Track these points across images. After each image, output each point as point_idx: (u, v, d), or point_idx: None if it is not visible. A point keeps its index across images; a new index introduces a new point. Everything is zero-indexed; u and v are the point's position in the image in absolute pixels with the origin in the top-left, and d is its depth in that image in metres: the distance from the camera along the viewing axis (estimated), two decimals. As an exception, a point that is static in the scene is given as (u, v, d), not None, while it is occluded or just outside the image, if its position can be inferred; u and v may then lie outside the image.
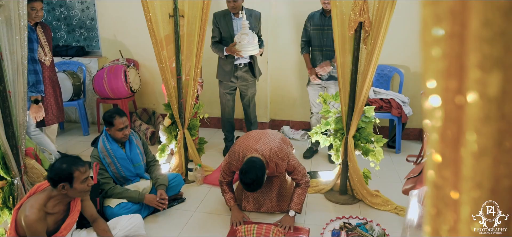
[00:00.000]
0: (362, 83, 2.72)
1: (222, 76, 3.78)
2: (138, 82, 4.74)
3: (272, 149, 2.55)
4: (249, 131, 2.87)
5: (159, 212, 2.81)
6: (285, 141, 2.81)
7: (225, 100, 3.89)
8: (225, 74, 3.74)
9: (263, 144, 2.57)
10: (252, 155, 2.52)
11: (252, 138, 2.64)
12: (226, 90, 3.83)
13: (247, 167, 2.39)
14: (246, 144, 2.60)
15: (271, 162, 2.55)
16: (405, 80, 4.28)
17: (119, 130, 2.69)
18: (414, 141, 4.49)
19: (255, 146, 2.55)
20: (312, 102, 3.91)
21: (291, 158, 2.62)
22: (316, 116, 3.91)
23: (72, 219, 2.05)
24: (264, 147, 2.55)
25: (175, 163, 3.34)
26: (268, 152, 2.53)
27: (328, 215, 2.77)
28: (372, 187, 3.00)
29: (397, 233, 2.43)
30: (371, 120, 2.92)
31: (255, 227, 1.90)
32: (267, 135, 2.68)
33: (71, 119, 5.33)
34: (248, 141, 2.62)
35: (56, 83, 3.64)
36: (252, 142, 2.59)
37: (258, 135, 2.69)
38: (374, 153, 2.87)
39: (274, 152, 2.54)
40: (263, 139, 2.61)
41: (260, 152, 2.53)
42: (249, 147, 2.57)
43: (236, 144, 2.69)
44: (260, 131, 2.76)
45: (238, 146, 2.64)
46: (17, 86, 2.16)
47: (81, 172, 1.97)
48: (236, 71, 3.72)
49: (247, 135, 2.74)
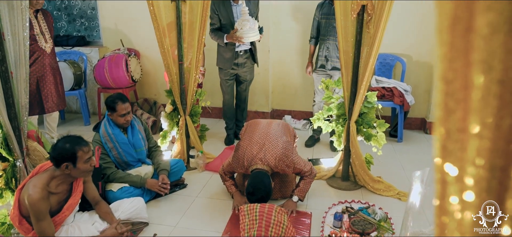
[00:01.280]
0: (364, 67, 2.71)
1: (222, 63, 3.78)
2: (139, 71, 4.73)
3: (277, 156, 2.48)
4: (252, 127, 2.76)
5: (161, 197, 2.81)
6: (289, 133, 2.78)
7: (226, 87, 3.88)
8: (225, 61, 3.73)
9: (268, 151, 2.49)
10: (257, 166, 2.48)
11: (256, 144, 2.55)
12: (226, 77, 3.83)
13: (254, 186, 2.30)
14: (250, 152, 2.52)
15: (277, 169, 2.53)
16: (407, 69, 4.27)
17: (121, 115, 2.68)
18: (416, 131, 4.48)
19: (260, 155, 2.49)
20: (316, 89, 3.90)
21: (297, 162, 2.54)
22: (318, 105, 3.90)
23: (75, 199, 2.05)
24: (269, 155, 2.48)
25: (177, 149, 3.33)
26: (273, 161, 2.48)
27: (330, 200, 2.77)
28: (374, 175, 3.00)
29: (400, 217, 2.43)
30: (374, 105, 2.91)
31: (257, 206, 1.90)
32: (271, 137, 2.58)
33: (72, 110, 5.32)
34: (252, 148, 2.53)
35: (56, 70, 3.62)
36: (256, 150, 2.51)
37: (262, 138, 2.58)
38: (376, 138, 2.87)
39: (279, 160, 2.48)
40: (267, 145, 2.52)
41: (265, 162, 2.48)
42: (254, 156, 2.50)
43: (240, 149, 2.60)
44: (264, 131, 2.65)
45: (242, 152, 2.56)
46: (19, 67, 2.16)
47: (84, 152, 1.97)
48: (236, 58, 3.72)
49: (250, 137, 2.62)
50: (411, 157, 3.66)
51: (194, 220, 2.53)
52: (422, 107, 4.43)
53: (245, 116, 4.14)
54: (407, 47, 4.30)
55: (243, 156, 2.54)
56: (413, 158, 3.65)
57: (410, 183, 2.28)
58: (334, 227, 2.40)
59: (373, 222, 2.40)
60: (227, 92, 3.92)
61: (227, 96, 3.93)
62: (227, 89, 3.90)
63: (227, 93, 3.92)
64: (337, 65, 3.65)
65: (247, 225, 1.84)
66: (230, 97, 3.95)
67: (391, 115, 4.39)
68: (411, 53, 4.31)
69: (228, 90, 3.91)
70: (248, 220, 1.86)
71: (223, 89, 3.94)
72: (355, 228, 2.34)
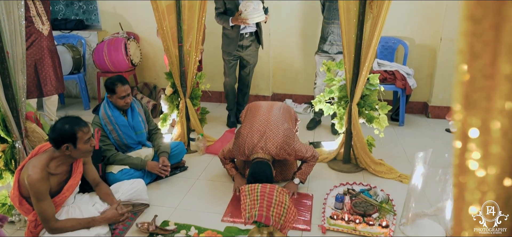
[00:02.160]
0: (367, 48, 2.67)
1: (226, 46, 3.75)
2: (139, 55, 4.68)
3: (278, 145, 2.44)
4: (253, 112, 2.70)
5: (161, 179, 2.80)
6: (290, 117, 2.74)
7: (228, 68, 3.85)
8: (230, 44, 3.70)
9: (268, 140, 2.45)
10: (258, 155, 2.45)
11: (257, 132, 2.49)
12: (229, 58, 3.80)
13: (255, 177, 2.27)
14: (251, 141, 2.48)
15: (278, 157, 2.50)
16: (409, 52, 4.22)
17: (120, 97, 2.65)
18: (418, 115, 4.45)
19: (261, 144, 2.45)
20: (317, 72, 3.87)
21: (298, 150, 2.50)
22: (319, 87, 3.88)
23: (75, 180, 2.04)
24: (270, 144, 2.44)
25: (177, 132, 3.31)
26: (274, 150, 2.45)
27: (332, 183, 2.76)
28: (375, 158, 2.98)
29: (401, 199, 2.42)
30: (376, 87, 2.87)
31: (259, 186, 1.88)
32: (271, 125, 2.52)
33: (71, 94, 5.29)
34: (253, 136, 2.49)
35: (54, 53, 3.57)
36: (257, 138, 2.47)
37: (263, 125, 2.52)
38: (378, 120, 2.84)
39: (280, 149, 2.45)
40: (267, 133, 2.47)
41: (266, 151, 2.45)
42: (254, 145, 2.46)
43: (240, 137, 2.55)
44: (264, 117, 2.58)
45: (242, 140, 2.52)
46: (15, 47, 2.12)
47: (84, 132, 1.94)
48: (241, 40, 3.69)
49: (251, 124, 2.56)
50: (412, 141, 3.64)
51: (195, 202, 2.52)
52: (424, 91, 4.39)
53: (246, 100, 4.11)
54: (410, 30, 4.24)
55: (243, 144, 2.51)
56: (415, 141, 3.63)
57: (412, 165, 2.27)
58: (335, 209, 2.39)
59: (375, 203, 2.39)
60: (229, 74, 3.87)
61: (229, 78, 3.89)
62: (230, 71, 3.85)
63: (229, 75, 3.88)
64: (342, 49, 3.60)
65: (248, 205, 1.83)
66: (232, 79, 3.91)
67: (393, 99, 4.36)
68: (414, 36, 4.25)
69: (230, 72, 3.86)
70: (249, 200, 1.84)
71: (225, 70, 3.90)
72: (357, 210, 2.33)
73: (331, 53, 3.68)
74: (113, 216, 2.05)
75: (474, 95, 0.35)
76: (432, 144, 3.55)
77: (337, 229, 2.17)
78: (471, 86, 0.35)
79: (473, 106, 0.35)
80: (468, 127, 0.37)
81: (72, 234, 1.91)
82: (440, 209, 2.10)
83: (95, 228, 1.98)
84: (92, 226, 1.98)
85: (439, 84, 4.18)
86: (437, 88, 4.20)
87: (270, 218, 1.76)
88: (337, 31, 3.56)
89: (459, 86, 0.37)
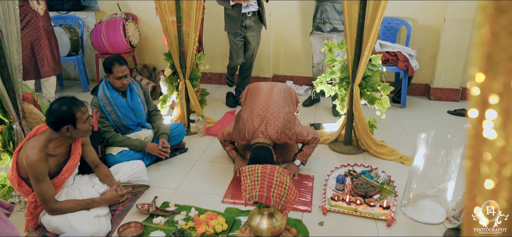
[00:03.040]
0: (369, 28, 2.61)
1: (229, 26, 3.70)
2: (138, 36, 4.61)
3: (279, 129, 2.41)
4: (253, 94, 2.64)
5: (161, 161, 2.79)
6: (291, 100, 2.69)
7: (237, 49, 3.80)
8: (233, 24, 3.65)
9: (269, 124, 2.42)
10: (259, 140, 2.43)
11: (257, 116, 2.46)
12: (237, 38, 3.75)
13: (256, 161, 2.24)
14: (251, 125, 2.44)
15: (279, 141, 2.48)
16: (412, 33, 4.15)
17: (117, 78, 2.60)
18: (420, 97, 4.41)
19: (261, 128, 2.42)
20: (314, 51, 3.91)
21: (299, 133, 2.47)
22: (317, 67, 3.96)
23: (73, 161, 2.02)
24: (270, 129, 2.41)
25: (177, 114, 3.28)
26: (275, 135, 2.42)
27: (332, 164, 2.74)
28: (377, 140, 2.96)
29: (402, 180, 2.41)
30: (378, 68, 2.83)
31: (259, 166, 1.86)
32: (272, 108, 2.47)
33: (70, 76, 5.24)
34: (253, 120, 2.45)
35: (51, 33, 3.51)
36: (257, 123, 2.44)
37: (263, 109, 2.47)
38: (380, 102, 2.80)
39: (281, 133, 2.42)
40: (268, 117, 2.44)
41: (266, 136, 2.42)
42: (255, 130, 2.43)
43: (240, 121, 2.51)
44: (265, 100, 2.52)
45: (243, 124, 2.49)
46: (9, 25, 2.07)
47: (82, 112, 1.92)
48: (244, 20, 3.64)
49: (251, 108, 2.51)
50: (414, 123, 3.62)
51: (195, 184, 2.51)
52: (426, 72, 4.34)
53: (247, 82, 4.06)
54: (413, 11, 4.16)
55: (244, 129, 2.48)
56: (416, 123, 3.60)
57: (414, 147, 2.25)
58: (336, 190, 2.38)
59: (376, 185, 2.38)
60: (238, 56, 3.82)
61: (238, 60, 3.84)
62: (239, 52, 3.80)
63: (238, 57, 3.83)
64: (337, 26, 3.65)
65: (249, 186, 1.81)
66: (241, 60, 3.86)
67: (395, 80, 4.31)
68: (417, 16, 4.17)
69: (239, 53, 3.81)
70: (250, 181, 1.82)
71: (233, 53, 3.84)
72: (358, 191, 2.32)
73: (324, 31, 3.72)
74: (113, 197, 2.04)
75: (497, 56, 0.32)
76: (434, 126, 3.52)
77: (338, 210, 2.17)
78: (493, 46, 0.31)
79: (494, 68, 0.32)
80: (488, 92, 0.33)
81: (72, 215, 1.90)
82: (441, 190, 2.09)
83: (95, 209, 1.97)
84: (92, 207, 1.97)
85: (442, 66, 4.12)
86: (440, 70, 4.15)
87: (271, 199, 1.74)
88: (330, 9, 3.60)
89: (479, 46, 0.33)
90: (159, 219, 2.08)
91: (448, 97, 4.23)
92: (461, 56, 4.03)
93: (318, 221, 2.09)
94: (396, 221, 2.09)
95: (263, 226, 1.80)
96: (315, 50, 3.87)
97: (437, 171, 2.07)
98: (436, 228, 2.04)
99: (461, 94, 4.21)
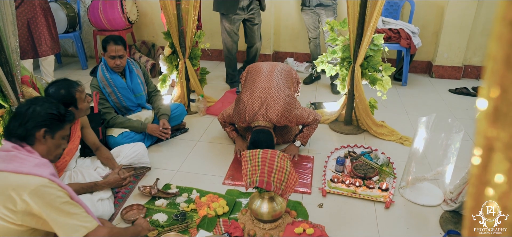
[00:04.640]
0: (372, 7, 2.55)
1: (225, 8, 3.53)
2: (136, 12, 4.52)
3: (279, 112, 2.40)
4: (253, 76, 2.60)
5: (162, 141, 2.80)
6: (292, 81, 2.65)
7: (232, 35, 3.68)
8: (230, 6, 3.49)
9: (269, 107, 2.40)
10: (259, 123, 2.42)
11: (257, 99, 2.43)
12: (232, 24, 3.61)
13: (257, 145, 2.25)
14: (251, 108, 2.43)
15: (279, 124, 2.47)
16: (416, 10, 4.06)
17: (110, 57, 2.55)
18: (422, 75, 4.38)
19: (261, 111, 2.41)
20: (307, 27, 3.95)
21: (299, 116, 2.45)
22: (314, 42, 3.99)
23: (74, 144, 2.03)
24: (270, 111, 2.40)
25: (177, 94, 3.27)
26: (275, 118, 2.41)
27: (332, 145, 2.76)
28: (377, 120, 2.96)
29: (402, 162, 2.43)
30: (380, 48, 2.79)
31: (260, 151, 1.87)
32: (272, 91, 2.43)
33: (68, 53, 5.18)
34: (253, 103, 2.43)
35: (48, 11, 3.44)
36: (258, 105, 2.42)
37: (264, 91, 2.44)
38: (381, 82, 2.78)
39: (281, 116, 2.41)
40: (268, 100, 2.41)
41: (267, 119, 2.41)
42: (255, 112, 2.42)
43: (240, 104, 2.48)
44: (265, 83, 2.48)
45: (243, 107, 2.46)
46: (4, 7, 2.02)
47: (80, 91, 1.99)
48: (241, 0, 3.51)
49: (252, 90, 2.48)
50: (415, 102, 3.60)
51: (196, 164, 2.54)
52: (429, 49, 4.29)
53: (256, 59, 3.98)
54: (417, -15, 4.06)
55: (244, 111, 2.47)
56: (417, 102, 3.59)
57: (414, 128, 2.25)
58: (336, 172, 2.41)
59: (375, 166, 2.40)
60: (230, 42, 3.70)
61: (230, 45, 3.72)
62: (231, 38, 3.69)
63: (230, 43, 3.71)
64: (322, 0, 3.68)
65: (250, 171, 1.83)
66: (235, 46, 3.75)
67: (397, 58, 4.27)
68: (421, -9, 4.08)
69: (232, 39, 3.70)
70: (251, 166, 1.84)
71: (226, 38, 3.70)
72: (357, 173, 2.34)
73: (311, 6, 3.75)
74: (115, 181, 2.07)
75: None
76: (435, 105, 3.52)
77: (338, 192, 2.20)
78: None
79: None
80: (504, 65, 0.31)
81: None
82: (440, 173, 2.11)
83: (98, 192, 2.00)
84: (95, 190, 2.00)
85: (445, 43, 4.06)
86: (443, 47, 4.10)
87: (271, 184, 1.76)
88: None
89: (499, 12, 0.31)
90: (161, 202, 2.11)
91: (450, 75, 4.20)
92: (465, 33, 3.96)
93: (318, 203, 2.12)
94: (394, 203, 2.12)
95: (263, 210, 1.83)
96: (309, 26, 3.91)
97: (436, 154, 2.08)
98: (434, 210, 2.07)
99: (463, 72, 4.18)
